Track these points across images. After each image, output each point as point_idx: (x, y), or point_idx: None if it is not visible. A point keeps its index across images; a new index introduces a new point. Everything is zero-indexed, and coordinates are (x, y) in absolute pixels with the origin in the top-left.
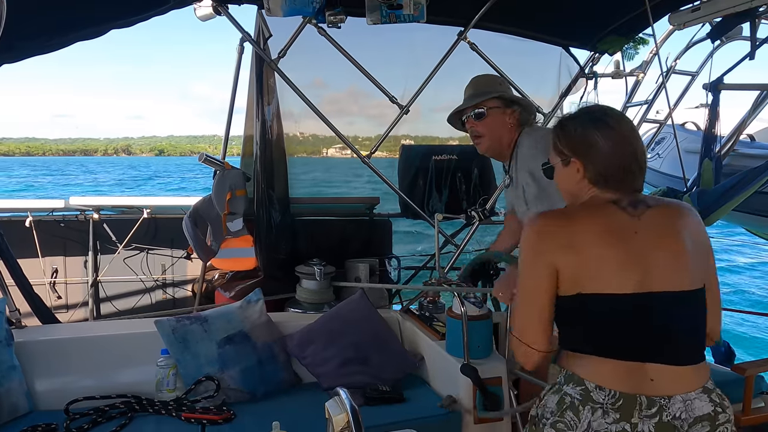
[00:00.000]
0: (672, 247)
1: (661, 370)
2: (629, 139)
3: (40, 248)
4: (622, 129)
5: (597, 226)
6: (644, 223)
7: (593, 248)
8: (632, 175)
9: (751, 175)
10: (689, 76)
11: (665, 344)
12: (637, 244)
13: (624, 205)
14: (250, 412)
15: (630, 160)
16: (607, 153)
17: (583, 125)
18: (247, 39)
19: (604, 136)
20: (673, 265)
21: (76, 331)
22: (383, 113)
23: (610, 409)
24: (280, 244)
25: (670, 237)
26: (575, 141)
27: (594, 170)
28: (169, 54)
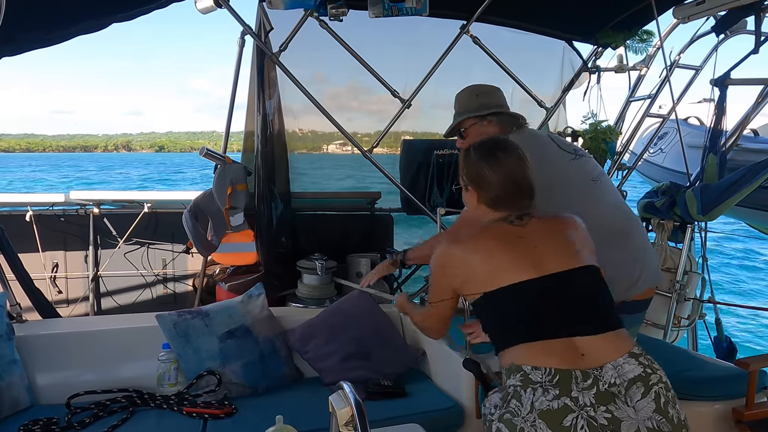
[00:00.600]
0: (556, 239)
1: (588, 343)
2: (513, 169)
3: (41, 243)
4: (507, 161)
5: (489, 240)
6: (528, 229)
7: (487, 255)
8: (517, 199)
9: (754, 169)
10: (693, 70)
11: (578, 316)
12: (524, 244)
13: (511, 219)
14: (251, 407)
15: (513, 187)
16: (494, 183)
17: (476, 158)
18: (248, 32)
19: (491, 169)
20: (561, 251)
21: (77, 325)
22: (383, 109)
23: (548, 386)
24: (281, 238)
25: (553, 233)
26: (471, 172)
27: (485, 196)
28: (168, 49)
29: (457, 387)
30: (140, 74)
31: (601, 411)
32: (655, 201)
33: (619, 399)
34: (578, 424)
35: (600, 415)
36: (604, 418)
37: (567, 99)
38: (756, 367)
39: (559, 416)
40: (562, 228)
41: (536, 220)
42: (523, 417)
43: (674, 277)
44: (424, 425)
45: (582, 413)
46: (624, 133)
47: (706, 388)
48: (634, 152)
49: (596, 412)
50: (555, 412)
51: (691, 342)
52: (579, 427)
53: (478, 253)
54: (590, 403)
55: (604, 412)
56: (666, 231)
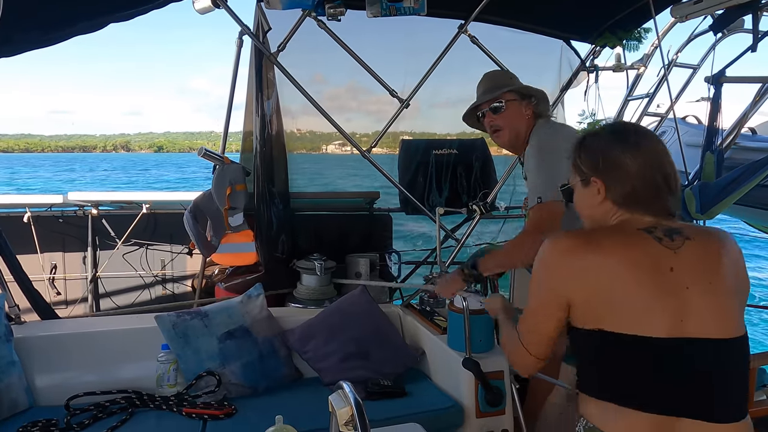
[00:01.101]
0: (714, 288)
1: (694, 428)
2: (658, 156)
3: (39, 244)
4: (650, 145)
5: (625, 258)
6: (682, 258)
7: (619, 282)
8: (662, 197)
9: (752, 168)
10: (691, 69)
11: (700, 398)
12: (672, 281)
13: (659, 234)
14: (251, 407)
15: (659, 179)
16: (632, 171)
17: (605, 141)
18: (246, 32)
19: (629, 152)
20: (714, 308)
21: (76, 326)
22: (382, 109)
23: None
24: (280, 239)
25: (711, 275)
26: (597, 158)
27: (618, 191)
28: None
29: (456, 386)
30: (139, 75)
31: None
32: None
33: None
34: None
35: None
36: None
37: (565, 98)
38: (755, 365)
39: None
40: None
41: (690, 243)
42: None
43: None
44: (424, 425)
45: None
46: None
47: None
48: None
49: None
50: None
51: None
52: None
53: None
54: None
55: None
56: None
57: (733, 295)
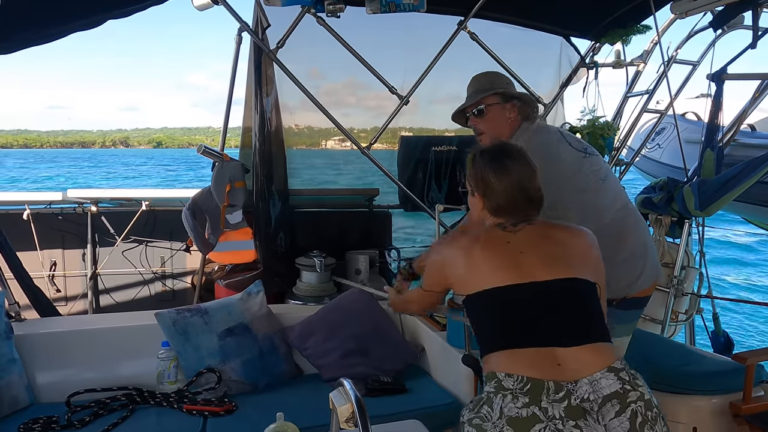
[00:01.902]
0: (546, 247)
1: (566, 354)
2: (522, 178)
3: (38, 241)
4: (515, 169)
5: (477, 244)
6: (518, 236)
7: (471, 261)
8: (522, 208)
9: (752, 165)
10: (690, 65)
11: (558, 326)
12: (508, 249)
13: (505, 225)
14: (251, 404)
15: (519, 196)
16: (500, 191)
17: (485, 163)
18: (246, 29)
19: (497, 176)
20: (548, 260)
21: (76, 323)
22: (380, 105)
23: (519, 393)
24: (279, 236)
25: (545, 241)
26: (477, 178)
27: (489, 204)
28: (165, 46)
29: (456, 383)
30: (136, 70)
31: (570, 426)
32: (653, 196)
33: (590, 416)
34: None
35: (568, 429)
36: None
37: (565, 95)
38: (753, 362)
39: (526, 424)
40: (560, 237)
41: (531, 227)
42: (492, 423)
43: (672, 273)
44: (424, 421)
45: (550, 425)
46: (622, 129)
47: (703, 383)
48: (631, 148)
49: (564, 426)
50: (523, 419)
51: (688, 336)
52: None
53: (464, 257)
54: (559, 416)
55: (572, 427)
56: (664, 226)
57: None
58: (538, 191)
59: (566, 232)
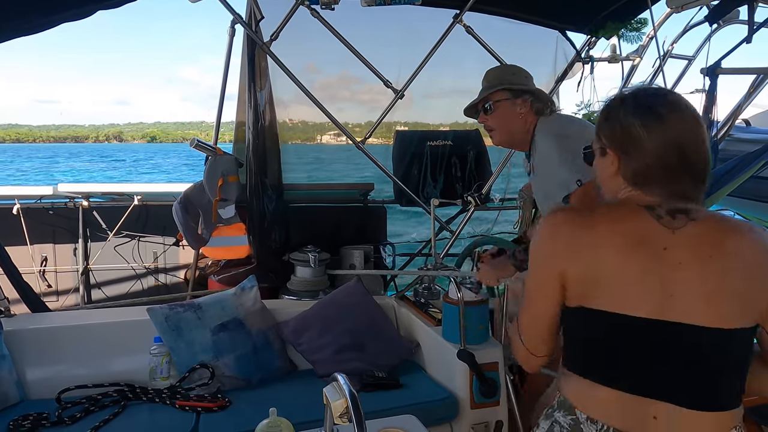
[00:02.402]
0: (709, 273)
1: (669, 410)
2: (682, 134)
3: (29, 236)
4: (675, 121)
5: (620, 234)
6: (679, 239)
7: (609, 259)
8: (677, 177)
9: (746, 159)
10: (686, 60)
11: (678, 384)
12: (663, 262)
13: (660, 213)
14: (245, 400)
15: (677, 160)
16: (648, 149)
17: (628, 110)
18: (239, 21)
19: (648, 128)
20: (706, 294)
21: (67, 319)
22: (375, 99)
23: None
24: (273, 231)
25: (710, 259)
26: (614, 129)
27: (630, 168)
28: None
29: (451, 378)
30: (128, 65)
31: None
32: None
33: None
34: None
35: None
36: None
37: (560, 89)
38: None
39: None
40: (726, 246)
41: (694, 224)
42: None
43: None
44: (419, 416)
45: None
46: None
47: None
48: None
49: None
50: None
51: None
52: None
53: (601, 247)
54: None
55: None
56: None
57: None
58: (704, 157)
59: (745, 242)
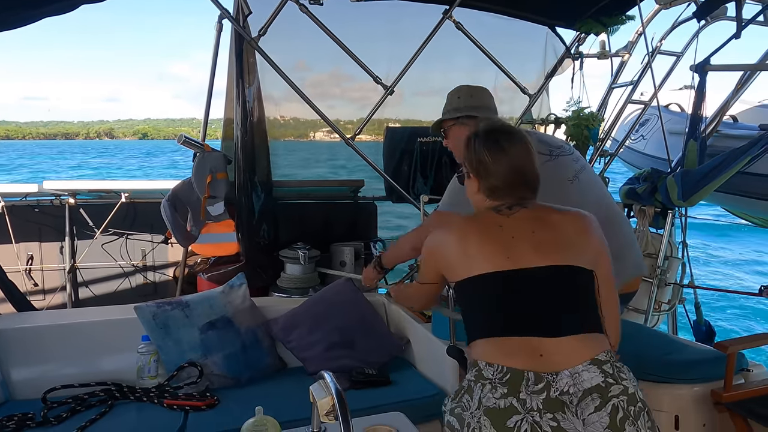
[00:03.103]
0: (540, 232)
1: (549, 345)
2: (519, 158)
3: (14, 234)
4: (512, 148)
5: (472, 228)
6: (512, 219)
7: (464, 245)
8: (517, 189)
9: (733, 155)
10: (674, 56)
11: (542, 317)
12: (500, 234)
13: (500, 208)
14: (234, 398)
15: (515, 177)
16: (495, 172)
17: (480, 145)
18: (226, 16)
19: (494, 157)
20: (542, 246)
21: (54, 318)
22: (366, 96)
23: (498, 383)
24: (262, 228)
25: (540, 226)
26: (472, 159)
27: (485, 186)
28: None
29: (441, 374)
30: (116, 61)
31: (547, 418)
32: (637, 187)
33: (568, 409)
34: (522, 427)
35: (545, 422)
36: (549, 426)
37: (550, 85)
38: (734, 350)
39: (503, 416)
40: (555, 221)
41: (526, 210)
42: (471, 412)
43: (655, 263)
44: (409, 413)
45: (527, 416)
46: (606, 120)
47: (685, 371)
48: (616, 139)
49: (542, 418)
50: (500, 410)
51: (671, 326)
52: (522, 430)
53: (456, 242)
54: (537, 408)
55: (550, 419)
56: (647, 217)
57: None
58: (534, 172)
59: (563, 216)
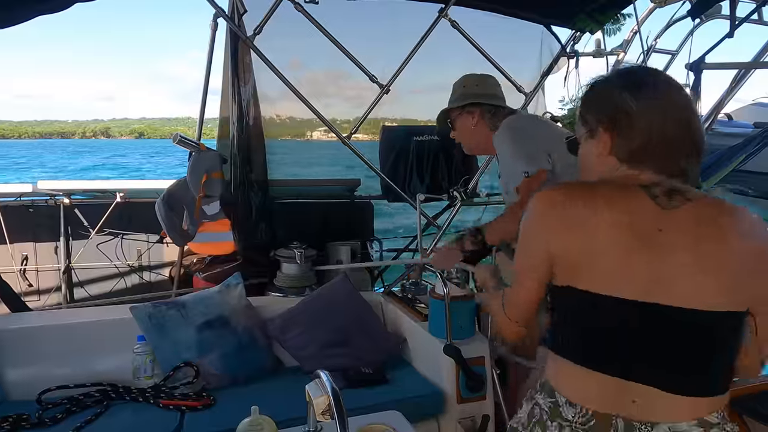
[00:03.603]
0: (702, 255)
1: (649, 393)
2: (676, 110)
3: (8, 235)
4: (667, 96)
5: (614, 213)
6: (675, 220)
7: (601, 238)
8: (674, 156)
9: (728, 153)
10: (669, 54)
11: (663, 368)
12: (657, 243)
13: (656, 192)
14: (230, 398)
15: (677, 132)
16: (641, 125)
17: (616, 88)
18: (221, 15)
19: (642, 102)
20: (698, 277)
21: (49, 318)
22: (361, 95)
23: (579, 429)
24: (258, 227)
25: (705, 238)
26: (603, 107)
27: (624, 146)
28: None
29: (437, 373)
30: (110, 60)
31: None
32: None
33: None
34: None
35: None
36: None
37: (546, 84)
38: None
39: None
40: (722, 228)
41: (689, 205)
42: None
43: None
44: (406, 411)
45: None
46: None
47: None
48: None
49: None
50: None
51: None
52: None
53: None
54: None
55: None
56: None
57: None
58: (699, 133)
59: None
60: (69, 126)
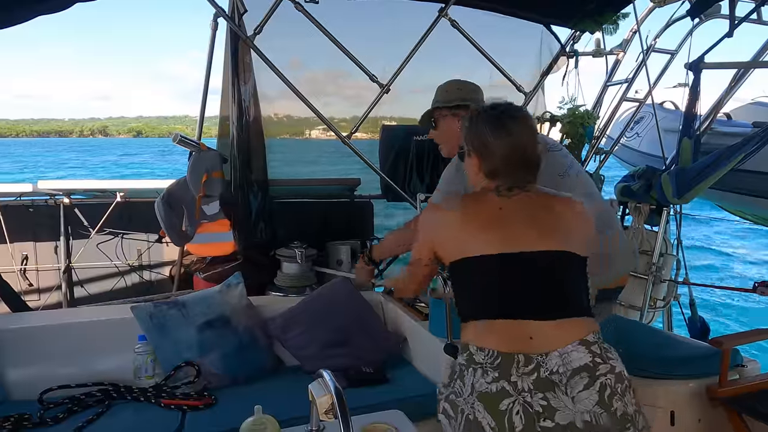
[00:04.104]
0: (538, 217)
1: (539, 327)
2: (521, 139)
3: (8, 234)
4: (515, 129)
5: (470, 208)
6: (512, 202)
7: (461, 225)
8: (518, 171)
9: (727, 153)
10: (668, 54)
11: (535, 301)
12: (500, 216)
13: (500, 190)
14: (231, 397)
15: (517, 159)
16: (497, 152)
17: (483, 123)
18: (221, 14)
19: (496, 136)
20: (539, 230)
21: (49, 318)
22: (360, 94)
23: (489, 368)
24: (259, 227)
25: (538, 210)
26: (474, 138)
27: (486, 167)
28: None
29: (438, 372)
30: (107, 59)
31: (538, 398)
32: (632, 185)
33: (558, 388)
34: (514, 408)
35: (536, 401)
36: (539, 405)
37: (545, 84)
38: (729, 346)
39: (496, 399)
40: (554, 207)
41: (525, 194)
42: (464, 398)
43: (650, 260)
44: (406, 411)
45: (519, 398)
46: (601, 118)
47: (681, 367)
48: (611, 137)
49: (532, 398)
50: (492, 394)
51: (666, 322)
52: (515, 412)
53: (453, 221)
54: (528, 388)
55: (540, 399)
56: (642, 214)
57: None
58: (536, 155)
59: (561, 203)
60: (66, 124)
